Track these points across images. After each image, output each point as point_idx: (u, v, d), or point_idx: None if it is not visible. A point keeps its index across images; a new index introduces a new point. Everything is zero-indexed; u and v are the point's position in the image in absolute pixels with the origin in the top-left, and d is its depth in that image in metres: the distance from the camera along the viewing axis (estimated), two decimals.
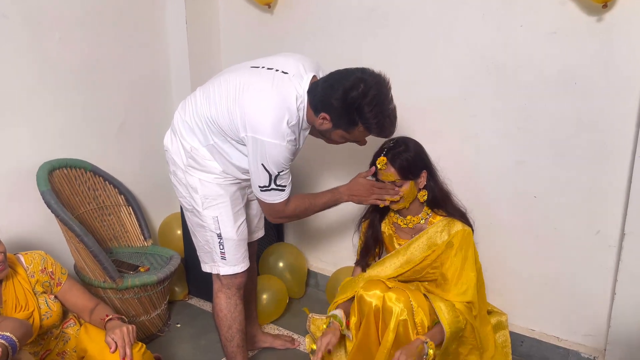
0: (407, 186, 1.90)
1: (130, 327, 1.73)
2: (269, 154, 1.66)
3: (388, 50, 2.39)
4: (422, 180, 1.94)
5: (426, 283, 2.01)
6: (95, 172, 2.59)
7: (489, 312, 2.31)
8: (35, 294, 1.77)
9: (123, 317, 1.82)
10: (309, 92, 1.71)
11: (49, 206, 2.18)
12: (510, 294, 2.33)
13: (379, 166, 1.90)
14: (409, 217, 1.99)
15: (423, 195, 1.95)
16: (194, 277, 2.79)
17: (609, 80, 1.94)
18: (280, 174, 1.72)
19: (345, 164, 2.63)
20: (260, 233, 2.22)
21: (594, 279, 2.12)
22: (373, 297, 1.87)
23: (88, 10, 2.48)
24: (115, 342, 1.67)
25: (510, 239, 2.27)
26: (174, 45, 2.84)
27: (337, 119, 1.68)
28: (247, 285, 2.23)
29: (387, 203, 1.92)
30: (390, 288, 1.89)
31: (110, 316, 1.78)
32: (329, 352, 1.82)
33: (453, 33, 2.21)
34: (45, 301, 1.79)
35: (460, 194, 2.24)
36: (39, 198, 2.20)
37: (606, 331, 2.09)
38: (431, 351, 1.74)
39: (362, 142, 1.82)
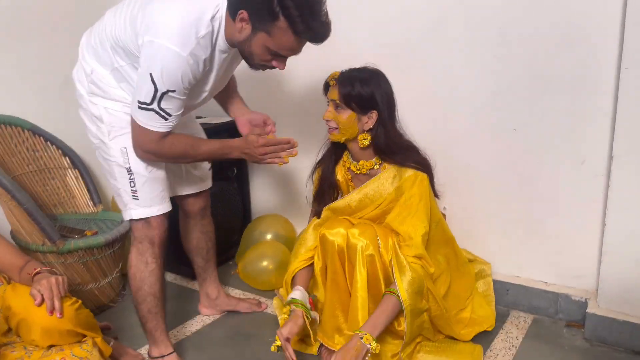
0: (346, 116, 1.70)
1: (60, 277, 1.51)
2: (163, 63, 1.41)
3: None
4: (369, 121, 1.72)
5: None
6: (35, 131, 2.34)
7: (471, 261, 2.14)
8: None
9: (54, 270, 1.59)
10: None
11: None
12: (492, 240, 2.16)
13: (328, 79, 1.72)
14: (361, 161, 1.80)
15: (364, 139, 1.74)
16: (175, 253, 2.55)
17: None
18: (170, 93, 1.45)
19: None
20: (207, 183, 2.01)
21: (582, 214, 1.95)
22: (336, 235, 1.68)
23: None
24: (42, 294, 1.44)
25: (491, 179, 2.09)
26: None
27: (256, 13, 1.41)
28: (201, 243, 2.04)
29: (285, 161, 1.60)
30: (354, 225, 1.70)
31: (39, 269, 1.55)
32: (288, 340, 1.63)
33: None
34: None
35: (433, 134, 2.09)
36: None
37: (597, 269, 1.93)
38: (374, 344, 1.54)
39: (283, 57, 1.50)
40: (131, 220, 1.70)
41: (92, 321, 1.63)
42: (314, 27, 1.41)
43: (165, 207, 1.71)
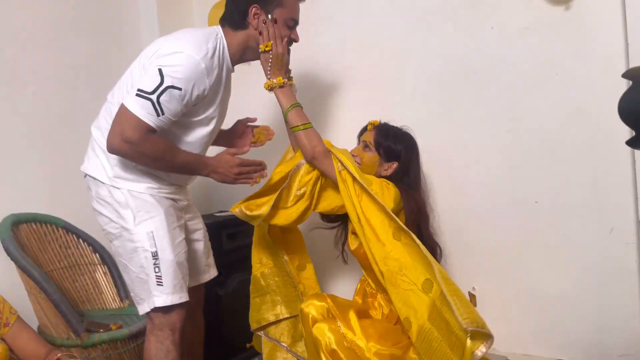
0: (371, 155, 1.82)
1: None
2: (175, 59, 1.49)
3: (367, 76, 2.33)
4: (388, 169, 1.82)
5: None
6: (68, 228, 2.43)
7: None
8: None
9: (74, 354, 1.58)
10: (221, 20, 1.68)
11: (8, 253, 2.01)
12: (526, 320, 2.05)
13: (368, 125, 1.87)
14: None
15: None
16: None
17: (587, 64, 1.86)
18: (173, 90, 1.47)
19: None
20: (211, 273, 1.97)
21: (618, 285, 1.86)
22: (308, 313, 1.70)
23: (63, 65, 2.49)
24: None
25: (517, 254, 2.05)
26: None
27: (264, 1, 1.62)
28: (192, 336, 1.94)
29: (257, 181, 1.67)
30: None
31: (59, 355, 1.54)
32: None
33: (428, 48, 2.18)
34: None
35: (453, 210, 2.09)
36: (3, 256, 2.03)
37: None
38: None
39: (294, 27, 1.70)
40: (152, 309, 1.64)
41: None
42: None
43: (186, 296, 1.68)
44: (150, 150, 1.52)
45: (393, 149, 1.82)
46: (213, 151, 1.74)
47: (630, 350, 1.86)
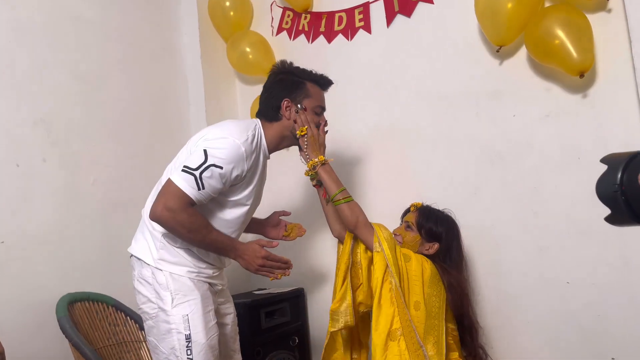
0: (412, 236, 1.91)
1: None
2: (219, 143, 1.67)
3: (394, 163, 2.47)
4: (430, 249, 1.91)
5: None
6: (118, 307, 2.58)
7: None
8: None
9: None
10: (257, 114, 1.90)
11: (63, 331, 2.15)
12: None
13: (411, 206, 1.98)
14: None
15: None
16: None
17: (607, 148, 1.92)
18: (215, 168, 1.63)
19: None
20: (236, 358, 1.98)
21: None
22: None
23: (122, 156, 2.74)
24: None
25: (552, 335, 2.04)
26: None
27: (292, 93, 1.84)
28: None
29: (278, 277, 1.74)
30: None
31: None
32: None
33: (453, 134, 2.31)
34: None
35: (485, 293, 2.12)
36: (58, 334, 2.18)
37: None
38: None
39: (321, 113, 1.90)
40: None
41: None
42: (322, 76, 1.91)
43: None
44: (187, 221, 1.64)
45: (434, 230, 1.92)
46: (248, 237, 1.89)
47: None
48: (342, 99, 2.47)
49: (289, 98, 1.84)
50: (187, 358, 1.67)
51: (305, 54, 2.69)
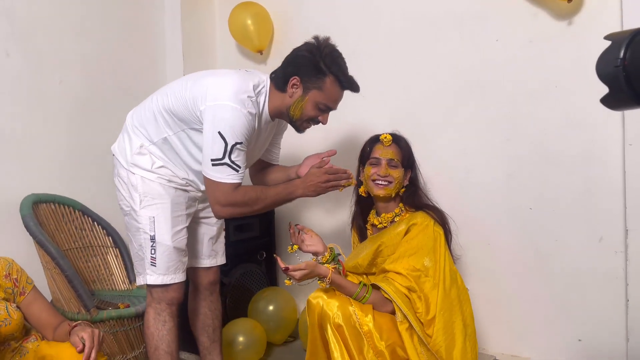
0: (400, 171, 1.83)
1: (99, 331, 1.59)
2: (228, 119, 1.64)
3: (375, 83, 2.43)
4: (407, 178, 1.87)
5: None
6: (85, 211, 2.56)
7: None
8: None
9: (89, 323, 1.68)
10: (271, 75, 1.78)
11: (27, 229, 2.14)
12: (517, 321, 2.12)
13: (383, 140, 1.84)
14: (383, 214, 1.89)
15: (402, 192, 1.87)
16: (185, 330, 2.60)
17: (586, 78, 1.91)
18: (237, 145, 1.64)
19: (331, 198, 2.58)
20: (219, 259, 2.06)
21: (605, 291, 1.93)
22: (317, 298, 1.73)
23: (88, 55, 2.63)
24: (83, 343, 1.52)
25: (510, 257, 2.12)
26: None
27: (307, 75, 1.70)
28: (207, 319, 2.05)
29: (346, 186, 1.81)
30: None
31: (76, 323, 1.65)
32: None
33: (434, 59, 2.27)
34: (6, 307, 1.68)
35: (451, 214, 2.16)
36: (22, 232, 2.16)
37: (626, 349, 1.86)
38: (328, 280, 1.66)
39: (327, 111, 1.77)
40: (151, 285, 1.81)
41: None
42: (351, 80, 1.74)
43: (180, 277, 1.83)
44: (244, 199, 1.71)
45: (411, 159, 1.87)
46: None
47: (614, 354, 1.92)
48: (322, 17, 2.38)
49: (300, 78, 1.73)
50: (151, 257, 1.78)
51: None
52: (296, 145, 2.23)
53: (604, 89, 1.86)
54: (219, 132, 1.63)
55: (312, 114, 1.76)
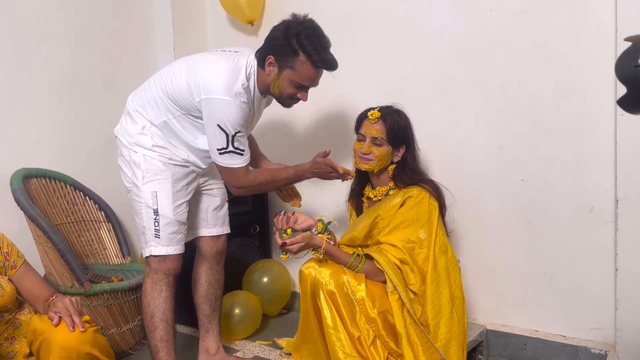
0: (384, 149, 1.83)
1: (73, 297, 1.61)
2: (223, 112, 1.73)
3: (368, 53, 2.41)
4: (399, 154, 1.87)
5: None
6: (76, 186, 2.55)
7: None
8: None
9: (64, 295, 1.69)
10: (256, 54, 1.83)
11: (18, 203, 2.13)
12: (507, 292, 2.15)
13: (369, 117, 1.83)
14: (377, 187, 1.91)
15: (392, 169, 1.88)
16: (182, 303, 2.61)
17: (578, 48, 1.92)
18: (237, 135, 1.76)
19: None
20: (225, 228, 2.14)
21: (594, 262, 1.95)
22: (309, 268, 1.78)
23: (76, 27, 2.58)
24: (59, 316, 1.53)
25: (502, 228, 2.13)
26: (162, 67, 2.91)
27: (280, 54, 1.75)
28: (209, 288, 2.11)
29: (349, 177, 1.90)
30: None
31: (54, 296, 1.66)
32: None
33: (427, 27, 2.24)
34: None
35: (443, 184, 2.16)
36: (13, 206, 2.15)
37: (614, 319, 1.88)
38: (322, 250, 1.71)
39: (305, 88, 1.81)
40: (149, 255, 1.88)
41: (110, 350, 1.68)
42: (326, 59, 1.76)
43: (181, 249, 1.93)
44: (255, 181, 1.88)
45: (401, 133, 1.84)
46: None
47: (602, 324, 1.95)
48: None
49: (275, 57, 1.78)
50: (155, 229, 1.87)
51: None
52: (284, 114, 2.20)
53: (597, 59, 1.86)
54: (218, 125, 1.74)
55: (290, 92, 1.81)
